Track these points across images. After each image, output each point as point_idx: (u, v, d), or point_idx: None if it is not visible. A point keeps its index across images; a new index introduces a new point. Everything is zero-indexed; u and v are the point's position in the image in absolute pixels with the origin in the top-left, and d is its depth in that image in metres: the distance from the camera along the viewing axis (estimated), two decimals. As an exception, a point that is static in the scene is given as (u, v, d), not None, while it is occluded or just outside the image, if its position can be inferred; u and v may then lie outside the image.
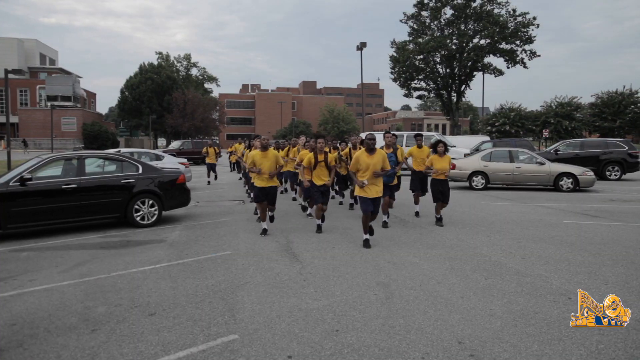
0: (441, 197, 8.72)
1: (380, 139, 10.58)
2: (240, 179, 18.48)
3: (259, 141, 8.28)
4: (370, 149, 6.85)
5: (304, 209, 10.33)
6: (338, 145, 11.51)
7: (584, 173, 14.34)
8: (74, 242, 7.46)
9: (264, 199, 7.95)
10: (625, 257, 6.31)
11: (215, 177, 18.69)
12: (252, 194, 10.26)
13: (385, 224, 8.64)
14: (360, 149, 9.10)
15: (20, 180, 7.60)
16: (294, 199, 12.51)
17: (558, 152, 19.20)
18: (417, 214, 9.83)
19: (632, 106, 39.50)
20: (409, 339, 3.75)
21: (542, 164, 14.68)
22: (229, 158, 24.96)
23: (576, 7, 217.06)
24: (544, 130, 39.23)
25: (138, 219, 8.66)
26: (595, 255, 6.41)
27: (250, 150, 10.43)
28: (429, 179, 9.25)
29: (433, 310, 4.38)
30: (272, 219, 8.68)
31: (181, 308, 4.46)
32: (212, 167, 18.26)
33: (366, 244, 7.00)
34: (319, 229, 8.25)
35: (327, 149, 8.96)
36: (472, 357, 3.44)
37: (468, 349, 3.57)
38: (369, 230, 7.12)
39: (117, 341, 3.73)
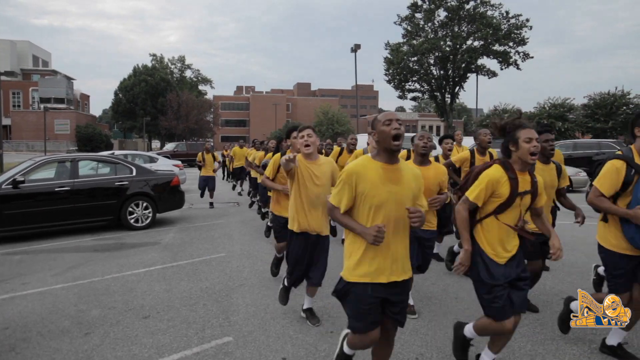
0: None
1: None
2: (240, 193, 14.87)
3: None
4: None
5: None
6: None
7: (577, 174, 14.46)
8: (68, 245, 7.42)
9: (308, 264, 3.99)
10: (618, 257, 6.35)
11: (211, 196, 11.95)
12: (270, 225, 7.25)
13: None
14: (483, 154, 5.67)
15: (13, 183, 7.55)
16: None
17: (551, 153, 19.30)
18: None
19: (624, 107, 39.79)
20: (403, 339, 3.76)
21: (535, 165, 14.75)
22: (225, 163, 19.75)
23: (569, 9, 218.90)
24: (537, 131, 39.37)
25: (132, 221, 8.63)
26: (588, 256, 6.44)
27: (272, 154, 6.06)
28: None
29: (427, 312, 4.39)
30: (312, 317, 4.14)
31: (175, 310, 4.45)
32: (208, 183, 11.80)
33: None
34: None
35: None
36: (466, 357, 3.44)
37: (462, 349, 3.57)
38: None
39: (110, 344, 3.71)
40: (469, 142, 27.35)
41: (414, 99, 52.93)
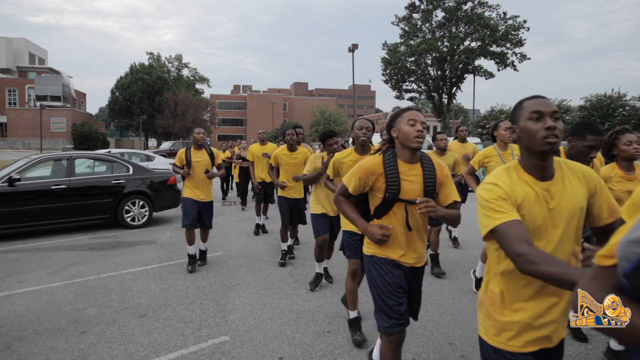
0: None
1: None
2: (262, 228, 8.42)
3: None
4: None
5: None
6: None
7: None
8: (64, 244, 7.39)
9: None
10: (613, 259, 6.38)
11: (204, 238, 6.04)
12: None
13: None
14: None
15: (9, 181, 7.52)
16: None
17: (547, 154, 19.36)
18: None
19: (621, 109, 40.01)
20: (400, 340, 3.76)
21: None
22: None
23: (565, 10, 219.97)
24: (533, 132, 39.47)
25: (128, 220, 8.60)
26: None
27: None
28: None
29: (424, 312, 4.39)
30: None
31: (172, 309, 4.44)
32: (201, 213, 5.79)
33: None
34: None
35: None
36: (463, 357, 3.46)
37: (459, 349, 3.59)
38: None
39: (107, 343, 3.70)
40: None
41: (411, 99, 52.99)
